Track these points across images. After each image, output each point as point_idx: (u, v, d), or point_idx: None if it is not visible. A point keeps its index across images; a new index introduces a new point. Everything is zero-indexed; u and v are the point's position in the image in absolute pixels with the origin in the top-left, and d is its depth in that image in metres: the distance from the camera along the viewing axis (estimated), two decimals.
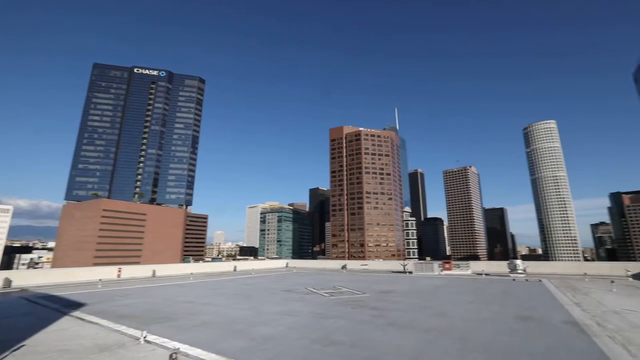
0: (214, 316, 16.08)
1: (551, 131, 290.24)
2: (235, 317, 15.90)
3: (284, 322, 14.78)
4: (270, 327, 13.81)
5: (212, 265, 54.37)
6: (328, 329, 13.32)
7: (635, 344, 10.91)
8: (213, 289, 27.67)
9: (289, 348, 10.82)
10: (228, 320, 15.01)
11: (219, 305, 19.58)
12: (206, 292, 25.69)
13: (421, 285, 29.39)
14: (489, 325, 13.98)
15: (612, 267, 37.68)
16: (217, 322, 14.77)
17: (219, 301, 21.15)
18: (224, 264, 55.07)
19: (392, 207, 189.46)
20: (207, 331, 13.08)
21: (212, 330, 13.21)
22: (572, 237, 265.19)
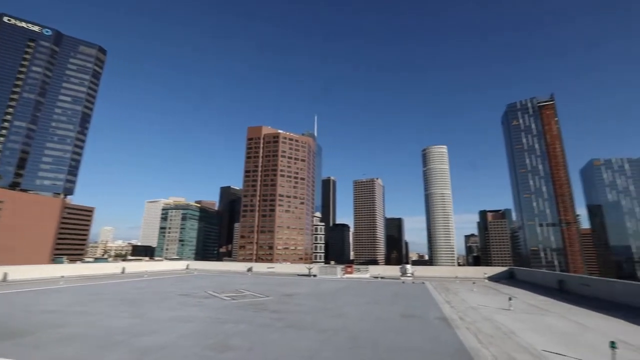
0: (87, 327, 13.67)
1: (442, 154, 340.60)
2: (115, 327, 13.82)
3: (176, 329, 13.51)
4: (158, 335, 12.43)
5: (93, 266, 46.40)
6: (225, 334, 12.70)
7: (482, 332, 13.50)
8: (90, 295, 23.64)
9: (177, 358, 9.90)
10: (105, 332, 12.93)
11: (95, 313, 16.76)
12: (80, 299, 21.77)
13: (324, 288, 30.65)
14: (379, 323, 15.40)
15: (475, 271, 45.89)
16: (90, 334, 12.57)
17: (97, 309, 18.14)
18: (109, 265, 47.60)
19: (303, 212, 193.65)
20: (74, 346, 10.99)
21: (81, 345, 11.16)
22: (450, 246, 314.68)
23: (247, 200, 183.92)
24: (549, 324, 15.56)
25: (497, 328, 14.36)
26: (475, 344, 11.69)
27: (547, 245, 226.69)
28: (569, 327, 14.77)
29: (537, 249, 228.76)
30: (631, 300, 21.03)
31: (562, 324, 15.56)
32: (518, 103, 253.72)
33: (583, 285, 27.04)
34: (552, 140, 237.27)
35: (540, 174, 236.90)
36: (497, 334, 13.24)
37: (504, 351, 10.90)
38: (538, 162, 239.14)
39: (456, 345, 11.61)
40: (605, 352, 9.80)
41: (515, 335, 13.02)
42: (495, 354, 10.61)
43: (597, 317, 17.24)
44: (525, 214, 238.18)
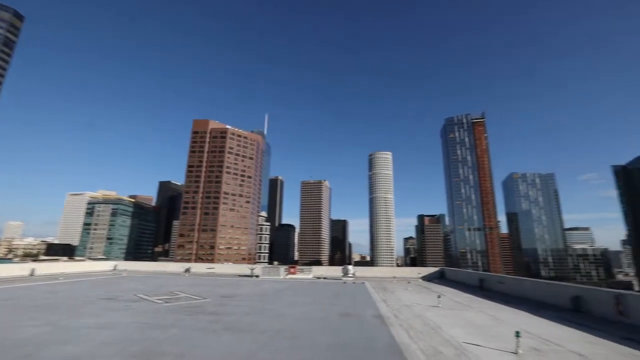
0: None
1: (387, 160, 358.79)
2: (21, 338, 11.92)
3: (97, 337, 12.11)
4: (73, 345, 11.01)
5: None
6: (153, 340, 11.73)
7: (413, 328, 14.43)
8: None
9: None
10: (8, 344, 11.10)
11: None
12: None
13: (265, 288, 30.14)
14: (319, 323, 15.57)
15: (411, 271, 49.01)
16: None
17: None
18: (13, 267, 41.03)
19: (249, 211, 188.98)
20: None
21: None
22: (391, 248, 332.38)
23: (188, 196, 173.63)
24: (469, 318, 17.22)
25: (426, 324, 15.47)
26: (406, 339, 12.44)
27: (473, 248, 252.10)
28: (486, 321, 16.51)
29: (465, 251, 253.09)
30: (536, 295, 24.31)
31: (480, 318, 17.33)
32: (455, 118, 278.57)
33: (499, 283, 30.48)
34: (481, 154, 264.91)
35: (470, 184, 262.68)
36: (426, 330, 14.26)
37: (430, 345, 11.77)
38: (469, 173, 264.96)
39: (389, 341, 12.21)
40: (513, 341, 11.17)
41: (442, 330, 14.15)
42: (422, 348, 11.40)
43: (508, 310, 19.55)
44: (457, 219, 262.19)
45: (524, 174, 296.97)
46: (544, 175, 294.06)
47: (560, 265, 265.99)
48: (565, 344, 12.12)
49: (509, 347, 11.38)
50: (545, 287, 24.87)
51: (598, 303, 18.58)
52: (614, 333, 14.02)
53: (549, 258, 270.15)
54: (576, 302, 19.72)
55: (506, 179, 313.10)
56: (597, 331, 14.36)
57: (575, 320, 16.73)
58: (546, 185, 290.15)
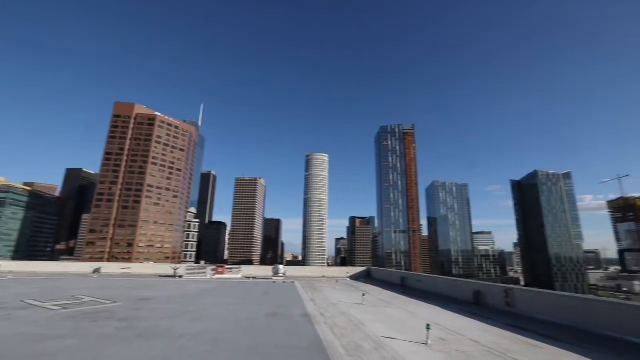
0: None
1: (324, 162, 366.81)
2: None
3: None
4: None
5: None
6: (41, 355, 9.96)
7: (338, 325, 14.89)
8: None
9: None
10: None
11: None
12: None
13: (188, 289, 28.21)
14: (243, 324, 15.04)
15: (340, 271, 50.77)
16: None
17: None
18: None
19: (176, 206, 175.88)
20: None
21: None
22: (323, 248, 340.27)
23: (104, 187, 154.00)
24: (389, 314, 18.43)
25: (350, 321, 16.08)
26: (330, 336, 12.74)
27: (398, 249, 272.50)
28: (403, 316, 17.86)
29: (390, 251, 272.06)
30: (447, 292, 27.18)
31: (399, 313, 18.69)
32: (388, 127, 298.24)
33: (418, 281, 33.37)
34: (409, 162, 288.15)
35: (399, 189, 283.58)
36: (349, 326, 14.82)
37: (352, 341, 12.24)
38: (398, 179, 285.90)
39: (314, 339, 12.35)
40: (424, 333, 12.28)
41: (364, 326, 14.85)
42: (344, 344, 11.80)
43: (424, 306, 21.47)
44: (385, 222, 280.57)
45: (444, 183, 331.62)
46: (460, 185, 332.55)
47: (468, 264, 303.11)
48: (465, 333, 13.73)
49: (421, 338, 12.44)
50: (454, 284, 28.01)
51: (492, 296, 21.55)
52: (502, 321, 16.38)
53: (460, 258, 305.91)
54: (477, 297, 22.59)
55: (429, 187, 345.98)
56: (490, 320, 16.61)
57: (475, 312, 19.12)
58: (461, 194, 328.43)
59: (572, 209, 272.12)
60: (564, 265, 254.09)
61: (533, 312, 17.90)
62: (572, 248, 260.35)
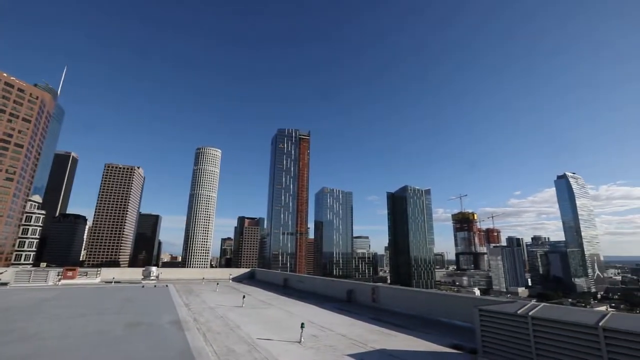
0: None
1: (216, 157, 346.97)
2: None
3: None
4: None
5: None
6: None
7: (212, 330, 14.05)
8: None
9: None
10: None
11: None
12: None
13: (17, 300, 22.06)
14: (93, 338, 12.55)
15: (222, 272, 48.37)
16: None
17: None
18: None
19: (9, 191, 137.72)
20: None
21: None
22: (207, 248, 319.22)
23: None
24: (268, 315, 18.48)
25: (226, 324, 15.37)
26: (201, 343, 11.86)
27: (285, 250, 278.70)
28: (281, 316, 18.18)
29: (277, 253, 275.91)
30: (325, 291, 29.04)
31: (277, 314, 18.92)
32: (286, 130, 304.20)
33: (299, 282, 34.65)
34: (302, 167, 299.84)
35: (290, 192, 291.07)
36: (224, 330, 14.14)
37: (225, 345, 11.68)
38: (291, 182, 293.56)
39: (182, 347, 11.27)
40: (299, 331, 12.74)
41: (239, 329, 14.41)
42: (216, 349, 11.16)
43: (302, 305, 22.35)
44: (274, 223, 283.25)
45: (332, 189, 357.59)
46: (346, 193, 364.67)
47: (347, 265, 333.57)
48: (335, 329, 14.88)
49: (295, 337, 12.83)
50: (331, 283, 30.22)
51: (362, 294, 24.16)
52: (368, 315, 18.49)
53: (340, 260, 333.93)
54: (349, 295, 24.92)
55: (319, 192, 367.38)
56: (357, 315, 18.52)
57: (347, 308, 21.02)
58: (346, 201, 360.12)
59: (429, 219, 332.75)
60: (420, 265, 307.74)
61: (392, 306, 20.84)
62: (427, 251, 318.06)
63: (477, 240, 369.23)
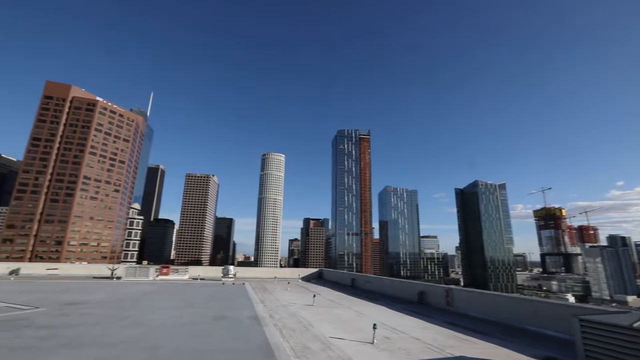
0: None
1: (280, 162, 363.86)
2: None
3: None
4: None
5: None
6: None
7: (287, 327, 14.78)
8: None
9: None
10: None
11: None
12: None
13: (127, 292, 26.08)
14: (186, 328, 14.24)
15: (291, 272, 50.53)
16: None
17: None
18: None
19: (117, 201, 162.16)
20: None
21: None
22: (276, 249, 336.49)
23: (28, 177, 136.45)
24: (338, 314, 18.76)
25: (299, 322, 16.06)
26: (279, 338, 12.60)
27: (350, 251, 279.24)
28: (351, 316, 18.30)
29: (343, 253, 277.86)
30: (393, 292, 28.41)
31: (347, 313, 19.10)
32: (345, 131, 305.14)
33: (366, 282, 34.45)
34: (364, 167, 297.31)
35: (353, 192, 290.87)
36: (299, 328, 14.79)
37: (300, 342, 12.23)
38: (353, 182, 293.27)
39: (261, 341, 12.11)
40: (370, 332, 12.66)
41: (313, 327, 14.92)
42: (292, 345, 11.74)
43: (370, 306, 22.20)
44: (339, 224, 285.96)
45: (395, 188, 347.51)
46: (410, 191, 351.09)
47: (415, 266, 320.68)
48: (408, 331, 14.46)
49: (367, 338, 12.83)
50: (400, 284, 29.39)
51: (435, 296, 23.01)
52: (442, 319, 17.56)
53: (407, 260, 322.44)
54: (421, 296, 23.94)
55: (382, 191, 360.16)
56: (431, 318, 17.70)
57: (418, 311, 20.25)
58: (411, 199, 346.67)
59: (505, 217, 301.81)
60: (497, 267, 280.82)
61: (469, 311, 19.45)
62: (504, 252, 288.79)
63: (568, 239, 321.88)
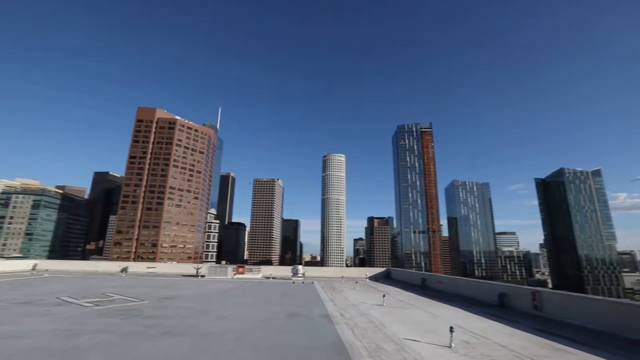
0: None
1: (341, 163, 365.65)
2: None
3: (6, 348, 10.53)
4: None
5: None
6: (75, 349, 10.51)
7: (358, 326, 14.84)
8: None
9: None
10: None
11: None
12: None
13: (211, 289, 28.90)
14: (264, 324, 15.27)
15: (358, 271, 50.49)
16: None
17: None
18: None
19: (197, 207, 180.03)
20: None
21: None
22: (341, 248, 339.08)
23: (129, 190, 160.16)
24: (410, 315, 18.19)
25: (370, 322, 16.00)
26: (351, 337, 12.73)
27: (418, 249, 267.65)
28: (424, 317, 17.58)
29: (410, 252, 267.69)
30: (468, 293, 26.51)
31: (419, 315, 18.41)
32: (406, 126, 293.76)
33: (438, 282, 32.74)
34: (428, 161, 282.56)
35: (417, 189, 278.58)
36: (370, 327, 14.75)
37: (373, 342, 12.18)
38: (417, 179, 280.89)
39: (334, 339, 12.39)
40: (447, 336, 12.02)
41: (384, 327, 14.74)
42: (366, 345, 11.75)
43: (444, 307, 21.05)
44: (404, 222, 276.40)
45: (464, 182, 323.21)
46: (481, 184, 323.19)
47: (491, 265, 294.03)
48: (490, 337, 13.36)
49: (443, 341, 12.22)
50: (476, 285, 27.26)
51: (519, 299, 20.83)
52: (530, 325, 15.81)
53: (482, 259, 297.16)
54: (501, 299, 21.90)
55: (449, 186, 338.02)
56: (516, 323, 16.07)
57: (500, 314, 18.56)
58: (482, 193, 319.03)
59: (603, 208, 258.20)
60: (596, 267, 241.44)
61: (563, 316, 17.18)
62: (604, 249, 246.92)
63: None
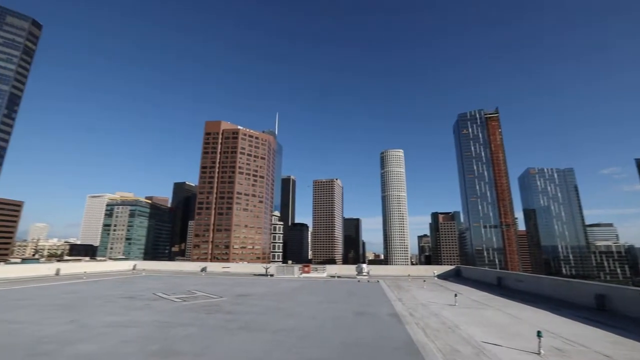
0: (9, 337, 12.11)
1: (399, 158, 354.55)
2: (44, 335, 12.38)
3: (117, 335, 12.47)
4: (95, 343, 11.36)
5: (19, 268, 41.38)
6: (172, 339, 11.98)
7: (430, 327, 14.24)
8: (15, 300, 21.04)
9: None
10: (32, 341, 11.54)
11: (20, 321, 14.93)
12: (2, 305, 19.30)
13: (280, 287, 30.35)
14: (332, 322, 15.56)
15: (425, 270, 48.36)
16: (13, 344, 11.15)
17: (22, 316, 16.18)
18: (40, 267, 42.75)
19: (262, 210, 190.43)
20: None
21: (1, 357, 9.87)
22: (405, 246, 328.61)
23: (202, 197, 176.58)
24: (487, 317, 16.86)
25: (442, 323, 15.24)
26: (423, 338, 12.29)
27: (490, 245, 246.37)
28: (504, 320, 16.14)
29: (481, 248, 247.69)
30: (556, 294, 23.59)
31: (498, 316, 16.95)
32: (468, 113, 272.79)
33: (517, 281, 29.74)
34: (496, 149, 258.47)
35: (485, 180, 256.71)
36: (443, 328, 14.05)
37: (447, 344, 11.58)
38: (484, 169, 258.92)
39: (405, 339, 12.09)
40: (534, 341, 10.85)
41: (459, 329, 13.91)
42: (440, 346, 11.23)
43: (527, 309, 19.05)
44: (472, 216, 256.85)
45: (541, 169, 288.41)
46: (563, 171, 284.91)
47: (582, 262, 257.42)
48: (589, 344, 11.71)
49: (529, 346, 11.09)
50: (565, 285, 24.10)
51: (624, 301, 17.88)
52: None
53: (570, 255, 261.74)
54: (600, 301, 19.03)
55: (522, 175, 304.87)
56: (622, 330, 13.82)
57: (599, 319, 16.15)
58: (565, 181, 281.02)
59: None
60: None
61: None
62: None
63: None
